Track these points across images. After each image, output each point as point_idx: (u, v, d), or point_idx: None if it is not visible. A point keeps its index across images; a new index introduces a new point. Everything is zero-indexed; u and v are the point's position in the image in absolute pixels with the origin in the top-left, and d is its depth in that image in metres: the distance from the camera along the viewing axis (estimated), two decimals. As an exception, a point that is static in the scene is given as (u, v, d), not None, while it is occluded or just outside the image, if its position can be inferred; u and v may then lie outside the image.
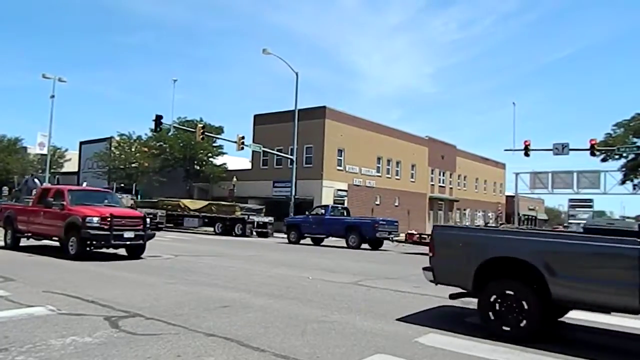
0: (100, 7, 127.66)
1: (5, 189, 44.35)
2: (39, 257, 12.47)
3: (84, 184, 50.63)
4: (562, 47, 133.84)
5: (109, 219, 12.22)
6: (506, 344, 5.35)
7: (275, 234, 30.20)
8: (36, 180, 28.19)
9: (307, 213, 26.16)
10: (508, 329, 5.53)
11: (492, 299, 5.70)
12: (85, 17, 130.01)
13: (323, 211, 25.38)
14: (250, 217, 29.41)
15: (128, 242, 12.79)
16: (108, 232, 12.16)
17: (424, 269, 6.63)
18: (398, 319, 6.52)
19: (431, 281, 6.53)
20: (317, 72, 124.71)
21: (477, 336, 5.68)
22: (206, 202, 33.02)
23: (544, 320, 5.59)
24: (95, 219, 12.09)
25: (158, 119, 28.36)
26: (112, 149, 46.42)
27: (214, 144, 43.64)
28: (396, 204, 45.65)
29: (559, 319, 6.73)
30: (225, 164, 44.54)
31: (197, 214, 31.32)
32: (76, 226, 12.12)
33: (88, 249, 12.31)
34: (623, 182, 40.22)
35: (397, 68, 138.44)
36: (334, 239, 24.54)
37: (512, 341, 5.36)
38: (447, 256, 6.36)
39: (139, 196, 46.09)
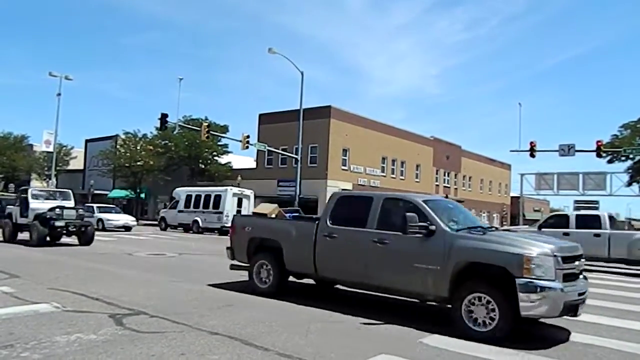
0: (106, 6, 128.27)
1: (12, 186, 44.46)
2: (44, 255, 12.53)
3: (91, 182, 51.00)
4: (568, 48, 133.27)
5: None
6: (511, 347, 5.33)
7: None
8: None
9: None
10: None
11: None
12: (92, 17, 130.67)
13: None
14: None
15: None
16: None
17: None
18: (402, 320, 6.50)
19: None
20: (322, 73, 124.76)
21: (482, 338, 5.65)
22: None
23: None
24: None
25: (163, 117, 28.34)
26: (118, 147, 46.54)
27: (219, 143, 43.75)
28: (401, 204, 45.48)
29: None
30: (230, 162, 44.64)
31: None
32: None
33: None
34: (629, 184, 39.85)
35: (402, 69, 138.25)
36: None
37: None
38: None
39: (143, 195, 46.40)
